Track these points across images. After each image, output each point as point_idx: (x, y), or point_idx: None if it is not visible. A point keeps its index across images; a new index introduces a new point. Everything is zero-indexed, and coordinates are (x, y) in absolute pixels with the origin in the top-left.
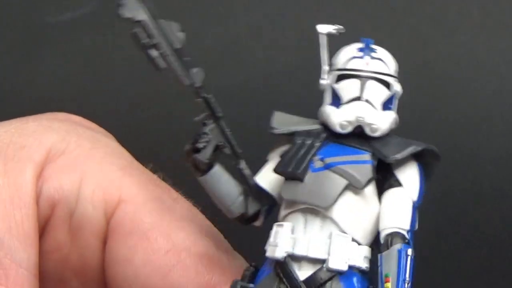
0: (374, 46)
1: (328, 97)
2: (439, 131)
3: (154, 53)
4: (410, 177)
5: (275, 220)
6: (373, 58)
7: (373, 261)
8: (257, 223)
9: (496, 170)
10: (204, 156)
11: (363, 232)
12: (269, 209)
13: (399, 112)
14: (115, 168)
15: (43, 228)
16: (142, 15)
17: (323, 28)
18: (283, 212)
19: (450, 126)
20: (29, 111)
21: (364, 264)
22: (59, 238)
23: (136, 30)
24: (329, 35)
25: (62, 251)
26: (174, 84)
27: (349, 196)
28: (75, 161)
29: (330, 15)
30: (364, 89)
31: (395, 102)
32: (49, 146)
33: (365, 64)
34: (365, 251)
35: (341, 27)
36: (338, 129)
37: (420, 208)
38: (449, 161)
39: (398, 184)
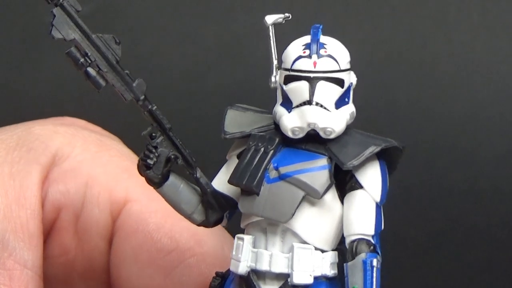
0: (323, 40)
1: (279, 96)
2: (439, 131)
3: (92, 72)
4: (371, 177)
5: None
6: (321, 56)
7: (341, 261)
8: (222, 224)
9: (495, 170)
10: (156, 172)
11: (327, 239)
12: (231, 211)
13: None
14: (120, 170)
15: (48, 232)
16: (73, 34)
17: (269, 19)
18: (243, 222)
19: (450, 125)
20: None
21: (331, 271)
22: (65, 241)
23: (70, 49)
24: (276, 24)
25: (68, 255)
26: (118, 99)
27: (308, 206)
28: (80, 164)
29: (330, 15)
30: (314, 92)
31: (351, 94)
32: (55, 150)
33: (313, 64)
34: (331, 257)
35: (287, 14)
36: (290, 135)
37: (421, 208)
38: (449, 161)
39: (359, 186)
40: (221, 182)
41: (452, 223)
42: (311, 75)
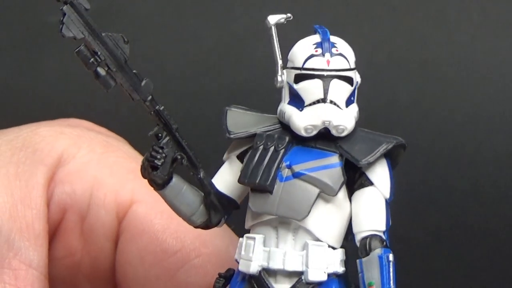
0: (332, 39)
1: (286, 96)
2: (439, 131)
3: (101, 71)
4: (381, 175)
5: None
6: (333, 55)
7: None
8: (219, 225)
9: (496, 170)
10: (163, 172)
11: (338, 236)
12: (230, 212)
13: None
14: (126, 172)
15: (54, 233)
16: (83, 32)
17: (272, 19)
18: (250, 221)
19: (450, 125)
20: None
21: (341, 268)
22: (71, 243)
23: (80, 48)
24: (278, 24)
25: (74, 256)
26: (123, 100)
27: (321, 203)
28: (86, 165)
29: (330, 15)
30: (328, 90)
31: (356, 93)
32: (61, 151)
33: (326, 62)
34: (341, 254)
35: (289, 14)
36: (303, 133)
37: (421, 208)
38: (449, 161)
39: (369, 183)
40: (221, 183)
41: (453, 223)
42: (325, 73)
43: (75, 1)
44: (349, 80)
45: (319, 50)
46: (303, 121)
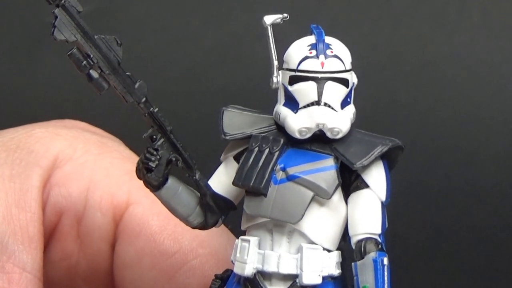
0: (327, 40)
1: (282, 97)
2: (439, 131)
3: (94, 74)
4: (377, 177)
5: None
6: (328, 56)
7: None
8: (217, 226)
9: (496, 170)
10: (157, 174)
11: (333, 239)
12: (227, 213)
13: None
14: (122, 173)
15: (50, 236)
16: (75, 35)
17: (268, 19)
18: (245, 223)
19: (450, 126)
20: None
21: (336, 271)
22: (68, 246)
23: (72, 51)
24: (274, 24)
25: (71, 259)
26: (119, 101)
27: (316, 206)
28: (82, 167)
29: (330, 15)
30: (322, 92)
31: (352, 94)
32: (56, 152)
33: (320, 65)
34: (336, 256)
35: (285, 14)
36: (297, 136)
37: (421, 208)
38: (449, 161)
39: (365, 185)
40: (217, 184)
41: (453, 223)
42: (319, 75)
43: (67, 3)
44: (344, 82)
45: (314, 52)
46: (297, 123)
